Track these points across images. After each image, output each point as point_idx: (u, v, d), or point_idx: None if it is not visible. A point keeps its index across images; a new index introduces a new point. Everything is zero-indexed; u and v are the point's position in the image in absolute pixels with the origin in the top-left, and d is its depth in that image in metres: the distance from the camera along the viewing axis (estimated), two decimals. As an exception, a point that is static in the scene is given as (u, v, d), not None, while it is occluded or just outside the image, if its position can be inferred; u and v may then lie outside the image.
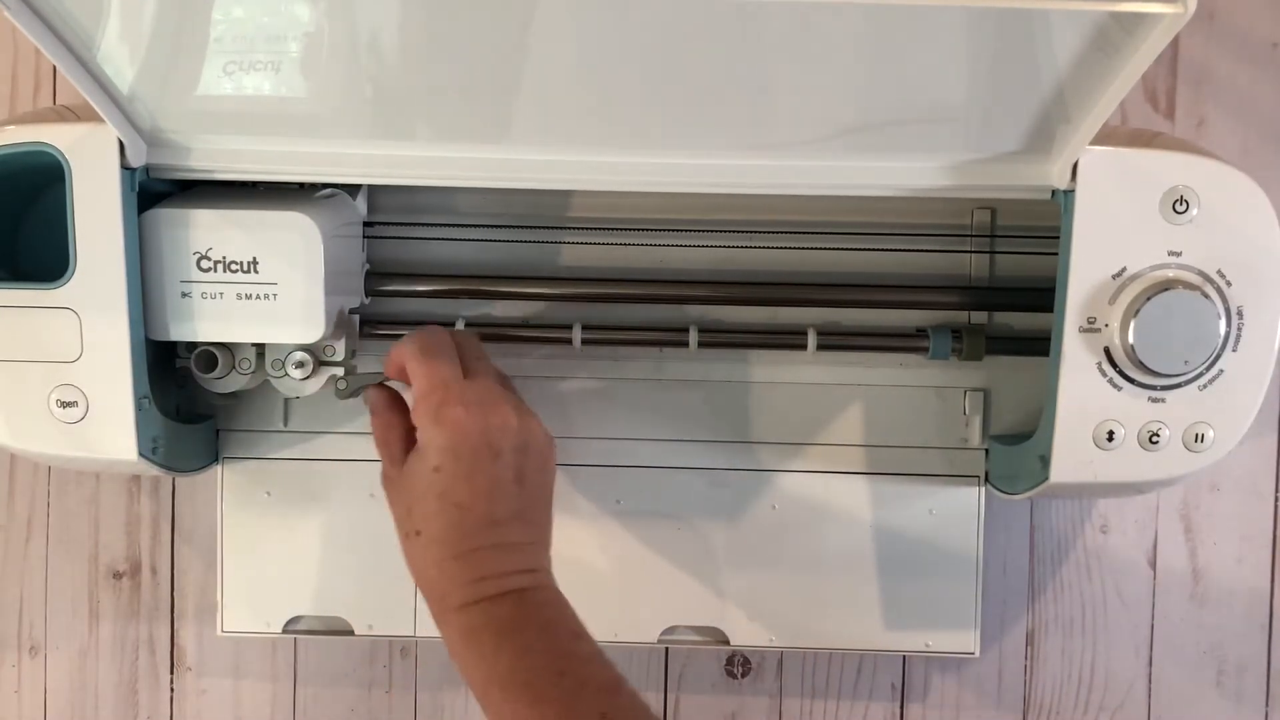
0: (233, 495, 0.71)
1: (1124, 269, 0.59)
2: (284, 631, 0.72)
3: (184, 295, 0.60)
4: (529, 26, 0.52)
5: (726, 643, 0.72)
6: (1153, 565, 0.78)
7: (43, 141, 0.58)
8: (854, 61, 0.54)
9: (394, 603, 0.71)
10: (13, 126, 0.59)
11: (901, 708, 0.78)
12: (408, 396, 0.58)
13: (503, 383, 0.60)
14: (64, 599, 0.79)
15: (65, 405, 0.60)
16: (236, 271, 0.60)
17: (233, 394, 0.67)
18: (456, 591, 0.54)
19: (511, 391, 0.60)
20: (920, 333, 0.69)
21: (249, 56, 0.54)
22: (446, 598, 0.54)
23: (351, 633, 0.72)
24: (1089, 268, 0.59)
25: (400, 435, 0.58)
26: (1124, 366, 0.59)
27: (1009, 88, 0.55)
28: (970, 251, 0.70)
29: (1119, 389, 0.60)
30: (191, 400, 0.68)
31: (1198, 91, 0.77)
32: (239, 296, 0.60)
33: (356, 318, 0.67)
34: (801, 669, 0.78)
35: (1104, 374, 0.60)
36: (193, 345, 0.64)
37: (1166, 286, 0.58)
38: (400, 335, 0.69)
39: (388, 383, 0.60)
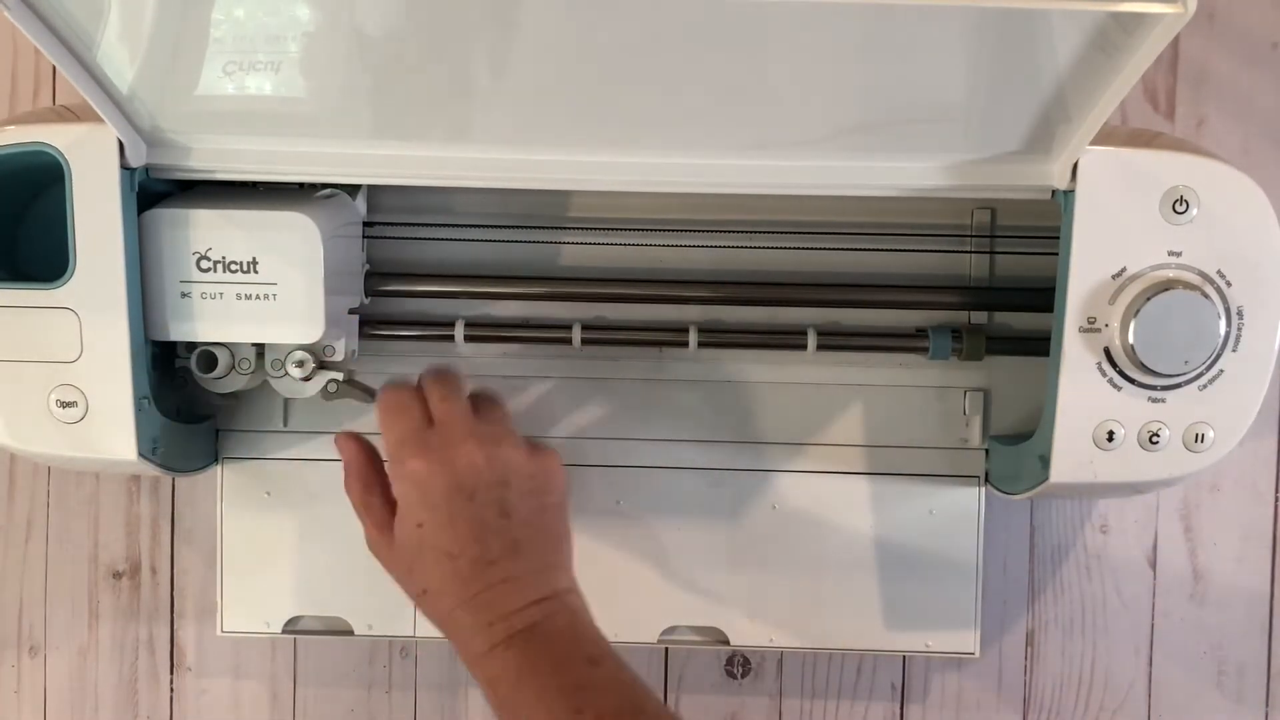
0: (232, 495, 0.71)
1: (1124, 269, 0.59)
2: (284, 631, 0.72)
3: (184, 295, 0.60)
4: (528, 26, 0.52)
5: (726, 643, 0.72)
6: (1153, 565, 0.78)
7: (42, 141, 0.58)
8: (854, 61, 0.54)
9: (394, 603, 0.70)
10: (13, 126, 0.59)
11: (902, 708, 0.78)
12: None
13: (486, 412, 0.59)
14: (64, 599, 0.79)
15: (65, 405, 0.60)
16: (236, 271, 0.60)
17: (233, 394, 0.66)
18: (473, 640, 0.54)
19: (495, 420, 0.59)
20: (920, 333, 0.69)
21: (249, 56, 0.54)
22: (468, 648, 0.55)
23: (351, 633, 0.71)
24: (1089, 268, 0.59)
25: (380, 495, 0.58)
26: (1124, 366, 0.59)
27: (1009, 88, 0.55)
28: (970, 251, 0.70)
29: (1119, 389, 0.60)
30: (191, 400, 0.68)
31: (1198, 91, 0.77)
32: (239, 296, 0.60)
33: (356, 318, 0.67)
34: (801, 669, 0.78)
35: (1104, 374, 0.60)
36: (192, 345, 0.64)
37: (1166, 286, 0.58)
38: (400, 335, 0.70)
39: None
